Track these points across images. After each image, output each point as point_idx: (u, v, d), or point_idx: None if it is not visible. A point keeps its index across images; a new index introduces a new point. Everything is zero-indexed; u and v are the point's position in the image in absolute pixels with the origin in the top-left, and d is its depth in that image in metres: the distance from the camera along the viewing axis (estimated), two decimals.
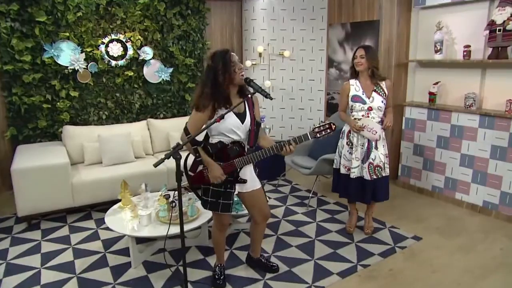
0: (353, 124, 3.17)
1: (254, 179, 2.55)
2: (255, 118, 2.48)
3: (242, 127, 2.40)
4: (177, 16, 4.96)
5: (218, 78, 2.27)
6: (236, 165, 2.40)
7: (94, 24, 4.49)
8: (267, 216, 2.67)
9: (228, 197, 2.45)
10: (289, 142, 2.32)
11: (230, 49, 2.36)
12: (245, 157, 2.38)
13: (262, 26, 5.32)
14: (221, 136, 2.39)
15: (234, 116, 2.37)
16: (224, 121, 2.30)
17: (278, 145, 2.34)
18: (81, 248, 3.23)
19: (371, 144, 3.19)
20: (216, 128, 2.36)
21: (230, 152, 2.38)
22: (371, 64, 3.10)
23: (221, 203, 2.45)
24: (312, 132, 2.34)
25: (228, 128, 2.36)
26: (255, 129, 2.46)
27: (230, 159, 2.39)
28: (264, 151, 2.36)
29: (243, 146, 2.41)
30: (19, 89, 4.21)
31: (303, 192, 4.54)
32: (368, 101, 3.15)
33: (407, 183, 4.60)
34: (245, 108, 2.45)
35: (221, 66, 2.27)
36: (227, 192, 2.45)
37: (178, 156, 2.07)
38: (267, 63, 5.41)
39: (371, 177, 3.20)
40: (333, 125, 2.32)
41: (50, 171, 3.60)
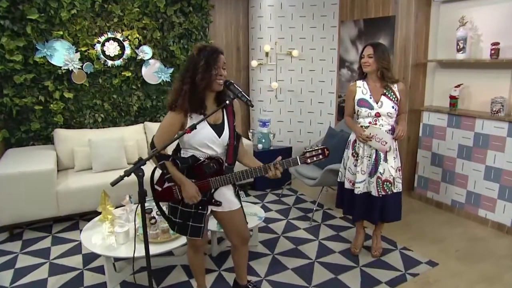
0: (359, 133, 2.80)
1: (232, 199, 2.21)
2: (235, 130, 2.14)
3: (219, 141, 2.07)
4: (178, 14, 4.68)
5: (196, 76, 1.94)
6: (211, 185, 2.07)
7: (90, 22, 4.26)
8: (246, 239, 2.32)
9: (199, 220, 2.13)
10: (276, 166, 2.00)
11: (222, 50, 2.03)
12: (222, 177, 2.05)
13: (269, 23, 4.98)
14: (194, 150, 2.06)
15: (209, 128, 2.03)
16: (197, 133, 1.98)
17: (263, 167, 2.03)
18: (58, 264, 2.98)
19: (379, 156, 2.80)
20: (188, 141, 2.04)
21: (205, 169, 2.05)
22: (380, 65, 2.72)
23: (191, 226, 2.12)
24: (302, 157, 2.03)
25: (201, 142, 2.03)
26: (235, 144, 2.12)
27: (205, 177, 2.06)
28: (247, 173, 2.03)
29: (221, 162, 2.07)
30: (11, 90, 4.02)
31: (308, 203, 4.17)
32: (375, 106, 2.77)
33: (424, 195, 4.17)
34: (224, 118, 2.11)
35: (204, 63, 1.93)
36: (198, 213, 2.12)
37: (140, 172, 1.77)
38: (275, 63, 5.06)
39: (379, 193, 2.81)
40: (327, 150, 2.03)
41: (33, 178, 3.38)
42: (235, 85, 2.00)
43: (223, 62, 2.00)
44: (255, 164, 2.09)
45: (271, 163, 2.01)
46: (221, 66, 1.98)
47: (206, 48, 1.98)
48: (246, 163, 2.21)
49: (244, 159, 2.23)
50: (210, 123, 2.04)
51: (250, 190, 4.62)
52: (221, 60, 1.99)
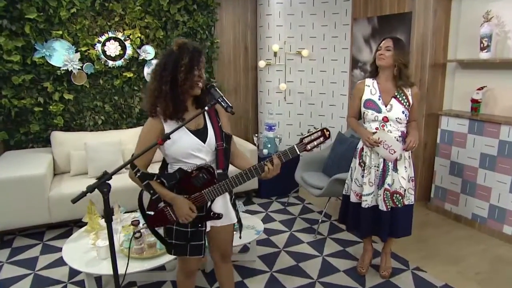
0: (366, 137, 2.50)
1: (229, 211, 1.96)
2: (222, 130, 1.88)
3: (205, 147, 1.82)
4: (182, 12, 4.49)
5: (177, 75, 1.69)
6: (206, 198, 1.81)
7: (90, 21, 4.12)
8: (228, 256, 2.07)
9: (199, 237, 1.88)
10: (271, 159, 1.74)
11: (204, 51, 1.80)
12: (216, 186, 1.79)
13: (278, 22, 4.74)
14: (180, 163, 1.82)
15: (190, 135, 1.79)
16: (178, 143, 1.75)
17: (259, 165, 1.75)
18: (43, 276, 2.82)
19: (388, 166, 2.51)
20: (170, 154, 1.80)
21: (195, 182, 1.78)
22: (398, 61, 2.40)
23: (190, 246, 1.88)
24: (300, 144, 1.74)
25: (185, 153, 1.78)
26: (224, 146, 1.86)
27: (197, 191, 1.80)
28: (242, 176, 1.75)
29: (212, 171, 1.80)
30: (9, 91, 3.91)
31: (315, 214, 3.90)
32: (384, 109, 2.48)
33: (441, 207, 3.83)
34: (205, 121, 1.86)
35: (187, 62, 1.68)
36: (197, 231, 1.87)
37: (105, 188, 1.55)
38: (283, 63, 4.81)
39: (387, 206, 2.52)
40: (327, 131, 1.75)
41: (24, 183, 3.25)
42: (216, 88, 1.76)
43: (204, 64, 1.77)
44: (250, 165, 1.81)
45: (267, 159, 1.75)
46: (202, 68, 1.76)
47: (188, 45, 1.73)
48: (240, 165, 1.95)
49: (237, 161, 1.97)
50: (191, 130, 1.80)
51: (254, 197, 4.38)
52: (203, 61, 1.76)
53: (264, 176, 1.77)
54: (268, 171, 1.74)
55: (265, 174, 1.75)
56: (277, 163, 1.74)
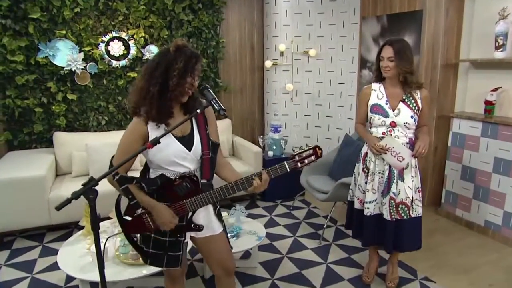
0: (372, 143, 2.39)
1: (212, 222, 1.87)
2: (210, 138, 1.79)
3: (190, 155, 1.72)
4: (187, 11, 4.42)
5: (169, 78, 1.59)
6: (187, 208, 1.72)
7: (94, 21, 4.07)
8: (230, 270, 1.96)
9: (177, 248, 1.79)
10: (260, 174, 1.65)
11: (201, 57, 1.69)
12: (199, 197, 1.69)
13: (285, 21, 4.63)
14: (162, 169, 1.73)
15: (175, 142, 1.70)
16: (161, 149, 1.66)
17: (246, 179, 1.67)
18: (40, 279, 2.77)
19: (393, 173, 2.39)
20: (152, 160, 1.71)
21: (178, 190, 1.69)
22: (402, 69, 2.30)
23: (167, 256, 1.79)
24: (291, 161, 1.66)
25: (168, 160, 1.69)
26: (210, 156, 1.77)
27: (179, 200, 1.71)
28: (227, 188, 1.67)
29: (196, 181, 1.70)
30: (13, 91, 3.89)
31: (321, 218, 3.79)
32: (391, 114, 2.36)
33: (452, 213, 3.68)
34: (192, 127, 1.76)
35: (182, 67, 1.59)
36: (176, 241, 1.78)
37: (91, 195, 1.48)
38: (290, 63, 4.70)
39: (392, 216, 2.40)
40: (319, 150, 1.68)
41: (24, 185, 3.21)
42: (209, 89, 1.66)
43: (199, 72, 1.67)
44: (236, 177, 1.73)
45: (255, 173, 1.66)
46: (197, 76, 1.65)
47: (186, 48, 1.63)
48: (225, 177, 1.85)
49: (223, 172, 1.87)
50: (176, 136, 1.71)
51: (259, 200, 4.29)
52: (199, 69, 1.66)
53: (251, 190, 1.68)
54: (256, 186, 1.66)
55: (252, 188, 1.67)
56: (265, 178, 1.65)
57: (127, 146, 1.67)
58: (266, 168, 1.67)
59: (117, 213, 1.81)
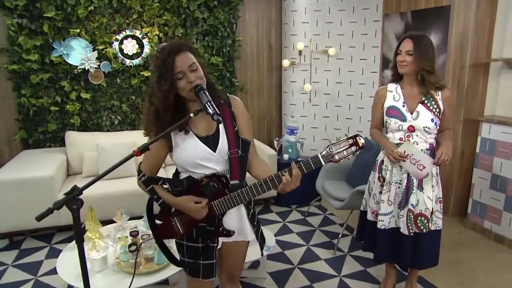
0: (389, 150, 2.19)
1: (244, 227, 1.73)
2: (239, 136, 1.64)
3: (215, 156, 1.59)
4: (202, 8, 4.30)
5: (161, 86, 1.50)
6: (215, 211, 1.58)
7: (108, 19, 4.02)
8: (235, 278, 1.84)
9: (209, 255, 1.66)
10: (290, 171, 1.44)
11: (183, 47, 1.52)
12: (226, 197, 1.55)
13: (304, 18, 4.45)
14: (188, 172, 1.63)
15: (198, 143, 1.58)
16: (183, 150, 1.58)
17: (276, 176, 1.47)
18: (43, 282, 2.73)
19: (412, 182, 2.19)
20: (176, 162, 1.64)
21: (205, 190, 1.57)
22: (420, 66, 2.09)
23: (202, 265, 1.66)
24: (326, 154, 1.41)
25: (192, 162, 1.59)
26: (240, 154, 1.61)
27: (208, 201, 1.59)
28: (256, 187, 1.50)
29: (224, 181, 1.56)
30: (28, 90, 3.90)
31: (336, 226, 3.60)
32: (409, 117, 2.16)
33: (480, 225, 3.41)
34: (218, 125, 1.62)
35: (157, 79, 1.50)
36: (208, 248, 1.66)
37: (74, 205, 1.38)
38: (309, 62, 4.52)
39: (410, 230, 2.20)
40: (360, 139, 1.39)
41: (32, 185, 3.18)
42: (205, 91, 1.52)
43: (187, 64, 1.50)
44: (269, 174, 1.53)
45: (284, 170, 1.46)
46: (185, 70, 1.50)
47: (160, 53, 1.51)
48: (257, 174, 1.69)
49: (254, 169, 1.71)
50: (200, 136, 1.59)
51: (273, 205, 4.13)
52: (181, 61, 1.49)
53: (281, 188, 1.47)
54: (286, 183, 1.45)
55: (282, 186, 1.46)
56: (296, 174, 1.43)
57: (149, 157, 1.62)
58: (298, 162, 1.46)
59: (148, 218, 1.76)
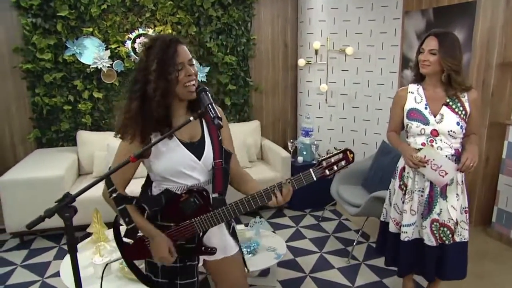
0: (409, 155, 2.04)
1: (227, 242, 1.64)
2: (223, 146, 1.55)
3: (199, 165, 1.49)
4: (216, 6, 4.22)
5: (147, 87, 1.38)
6: (197, 229, 1.48)
7: (121, 18, 3.98)
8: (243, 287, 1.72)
9: (190, 273, 1.55)
10: (281, 186, 1.38)
11: (180, 39, 1.44)
12: (210, 215, 1.45)
13: (321, 16, 4.31)
14: (168, 182, 1.49)
15: (182, 149, 1.46)
16: (166, 158, 1.44)
17: (264, 192, 1.40)
18: (49, 284, 2.70)
19: (436, 191, 2.04)
20: (156, 170, 1.48)
21: (184, 207, 1.45)
22: (447, 66, 1.93)
23: (180, 285, 1.54)
24: (317, 168, 1.38)
25: (175, 170, 1.46)
26: (223, 166, 1.52)
27: (187, 219, 1.47)
28: (242, 203, 1.42)
29: (205, 195, 1.47)
30: (42, 89, 3.90)
31: (352, 233, 3.45)
32: (432, 121, 2.01)
33: (506, 236, 3.21)
34: (203, 132, 1.53)
35: (156, 66, 1.36)
36: (188, 266, 1.54)
37: (67, 213, 1.28)
38: (325, 62, 4.38)
39: (437, 240, 2.05)
40: (350, 153, 1.40)
41: (42, 184, 3.16)
42: (208, 92, 1.42)
43: (188, 56, 1.42)
44: (256, 190, 1.45)
45: (275, 185, 1.39)
46: (185, 62, 1.41)
47: (157, 41, 1.40)
48: (243, 190, 1.59)
49: (241, 184, 1.62)
50: (183, 142, 1.47)
51: (286, 209, 4.01)
52: (183, 53, 1.40)
53: (270, 204, 1.41)
54: (275, 200, 1.39)
55: (271, 202, 1.40)
56: (286, 191, 1.39)
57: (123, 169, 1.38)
58: (288, 178, 1.40)
59: (115, 236, 1.61)
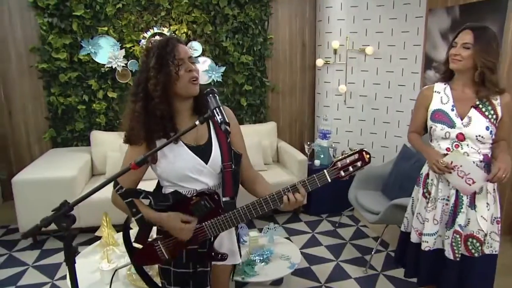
0: (434, 159, 1.89)
1: (235, 249, 1.59)
2: (232, 148, 1.48)
3: (207, 168, 1.43)
4: (232, 5, 4.13)
5: (148, 84, 1.34)
6: (207, 233, 1.42)
7: (136, 17, 3.94)
8: None
9: (202, 280, 1.49)
10: (294, 188, 1.32)
11: (177, 38, 1.43)
12: (221, 219, 1.39)
13: (340, 15, 4.17)
14: (174, 186, 1.45)
15: (188, 153, 1.41)
16: (170, 161, 1.39)
17: (276, 195, 1.33)
18: (59, 287, 2.66)
19: (462, 200, 1.89)
20: (161, 174, 1.45)
21: (195, 211, 1.40)
22: (481, 62, 1.76)
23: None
24: (332, 169, 1.30)
25: (181, 175, 1.41)
26: (233, 168, 1.45)
27: (198, 222, 1.42)
28: (254, 206, 1.35)
29: (216, 199, 1.41)
30: (57, 89, 3.90)
31: (370, 240, 3.31)
32: (458, 124, 1.86)
33: None
34: (210, 135, 1.47)
35: (154, 63, 1.33)
36: (199, 272, 1.48)
37: (64, 223, 1.22)
38: (344, 62, 4.24)
39: (456, 254, 1.90)
40: (366, 154, 1.32)
41: (54, 185, 3.14)
42: (216, 95, 1.33)
43: (188, 53, 1.38)
44: (269, 192, 1.38)
45: (287, 187, 1.33)
46: (185, 58, 1.37)
47: (155, 42, 1.39)
48: (256, 192, 1.52)
49: (253, 186, 1.55)
50: (189, 146, 1.42)
51: (302, 213, 3.89)
52: (182, 50, 1.37)
53: (283, 208, 1.35)
54: (288, 203, 1.32)
55: (284, 206, 1.33)
56: (301, 193, 1.31)
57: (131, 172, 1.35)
58: (302, 180, 1.33)
59: (125, 241, 1.57)
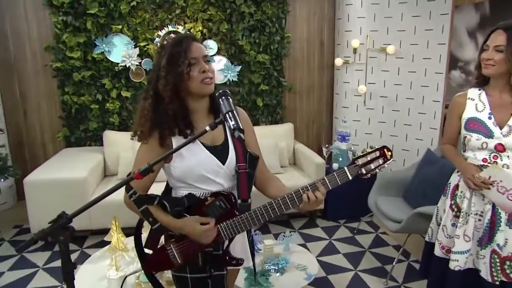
0: (469, 174, 1.74)
1: (247, 252, 1.51)
2: (247, 150, 1.42)
3: (223, 169, 1.36)
4: (248, 3, 4.02)
5: (158, 83, 1.29)
6: (223, 235, 1.35)
7: (151, 15, 3.87)
8: None
9: (219, 284, 1.42)
10: (314, 187, 1.25)
11: (192, 36, 1.36)
12: (236, 220, 1.32)
13: (360, 13, 4.01)
14: (190, 188, 1.38)
15: (206, 153, 1.35)
16: (186, 161, 1.33)
17: (295, 194, 1.26)
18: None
19: (499, 216, 1.72)
20: (178, 176, 1.36)
21: (209, 212, 1.33)
22: None
23: None
24: (352, 166, 1.25)
25: (198, 175, 1.35)
26: (248, 170, 1.39)
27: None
28: (272, 207, 1.29)
29: (232, 201, 1.34)
30: (71, 88, 3.86)
31: (390, 249, 3.15)
32: (497, 133, 1.71)
33: None
34: (226, 136, 1.41)
35: (165, 63, 1.28)
36: (216, 276, 1.40)
37: (61, 235, 1.13)
38: (364, 61, 4.08)
39: (494, 277, 1.73)
40: (388, 151, 1.25)
41: (65, 186, 3.10)
42: (229, 97, 1.22)
43: (203, 53, 1.31)
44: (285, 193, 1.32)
45: (307, 185, 1.25)
46: (200, 58, 1.30)
47: (169, 40, 1.32)
48: (274, 194, 1.43)
49: (269, 188, 1.48)
50: (206, 145, 1.36)
51: (319, 218, 3.75)
52: (197, 48, 1.31)
53: (302, 208, 1.27)
54: (308, 202, 1.24)
55: (303, 205, 1.25)
56: (320, 191, 1.24)
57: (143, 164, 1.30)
58: (321, 178, 1.25)
59: (136, 247, 1.51)
